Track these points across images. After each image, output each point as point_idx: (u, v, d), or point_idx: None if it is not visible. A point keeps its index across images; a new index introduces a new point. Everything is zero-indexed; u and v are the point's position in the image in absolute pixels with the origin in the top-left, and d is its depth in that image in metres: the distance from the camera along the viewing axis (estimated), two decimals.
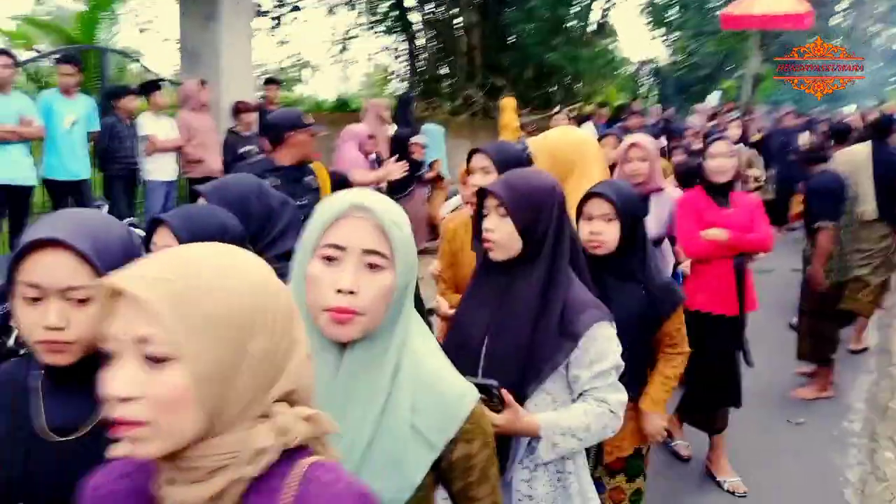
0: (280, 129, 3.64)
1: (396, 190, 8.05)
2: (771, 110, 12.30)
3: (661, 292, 2.41)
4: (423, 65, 17.71)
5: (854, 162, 5.74)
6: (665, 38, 23.62)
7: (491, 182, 1.99)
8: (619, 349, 1.84)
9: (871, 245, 5.76)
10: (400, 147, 8.13)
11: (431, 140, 9.00)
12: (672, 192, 3.96)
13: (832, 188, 4.80)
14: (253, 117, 7.97)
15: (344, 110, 15.99)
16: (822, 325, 4.96)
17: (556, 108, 14.40)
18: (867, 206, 5.65)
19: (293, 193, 2.90)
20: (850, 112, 11.06)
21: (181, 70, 8.82)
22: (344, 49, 18.93)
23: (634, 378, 2.22)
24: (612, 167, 3.75)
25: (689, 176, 4.44)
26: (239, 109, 7.92)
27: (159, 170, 7.19)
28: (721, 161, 3.75)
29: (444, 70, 17.53)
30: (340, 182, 3.86)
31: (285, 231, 2.15)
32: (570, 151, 3.02)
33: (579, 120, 12.71)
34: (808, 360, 5.11)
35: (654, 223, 3.43)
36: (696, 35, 22.82)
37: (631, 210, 2.32)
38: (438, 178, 9.09)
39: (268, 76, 10.43)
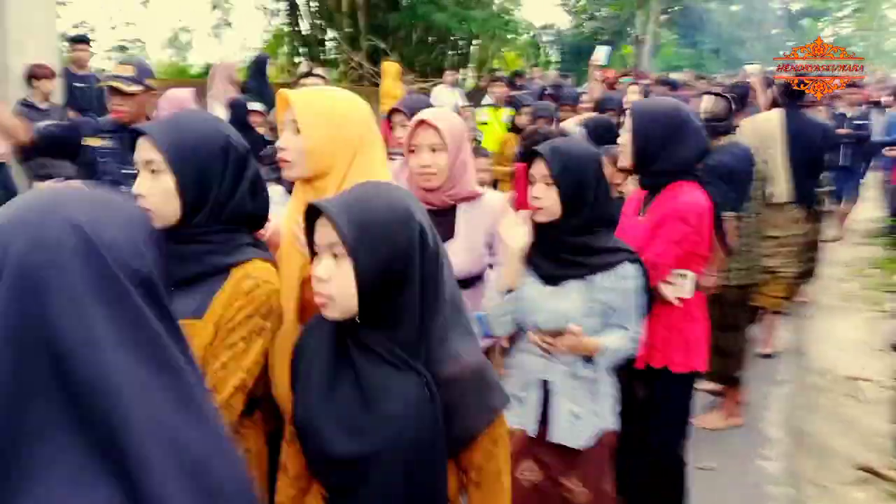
0: None
1: None
2: (663, 77, 11.46)
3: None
4: (308, 28, 16.14)
5: (762, 133, 4.81)
6: (565, 2, 22.77)
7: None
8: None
9: (783, 231, 4.88)
10: (237, 116, 6.74)
11: None
12: (492, 198, 2.46)
13: (733, 168, 3.74)
14: (53, 85, 6.42)
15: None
16: (727, 337, 3.95)
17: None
18: (779, 186, 4.75)
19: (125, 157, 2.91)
20: (753, 71, 10.20)
21: None
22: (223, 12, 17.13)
23: None
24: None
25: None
26: (34, 75, 6.34)
27: None
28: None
29: (330, 34, 16.01)
30: None
31: None
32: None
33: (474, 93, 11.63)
34: (713, 380, 4.18)
35: (466, 252, 2.29)
36: None
37: None
38: None
39: (76, 35, 8.73)
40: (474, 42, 15.12)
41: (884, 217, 8.10)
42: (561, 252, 2.17)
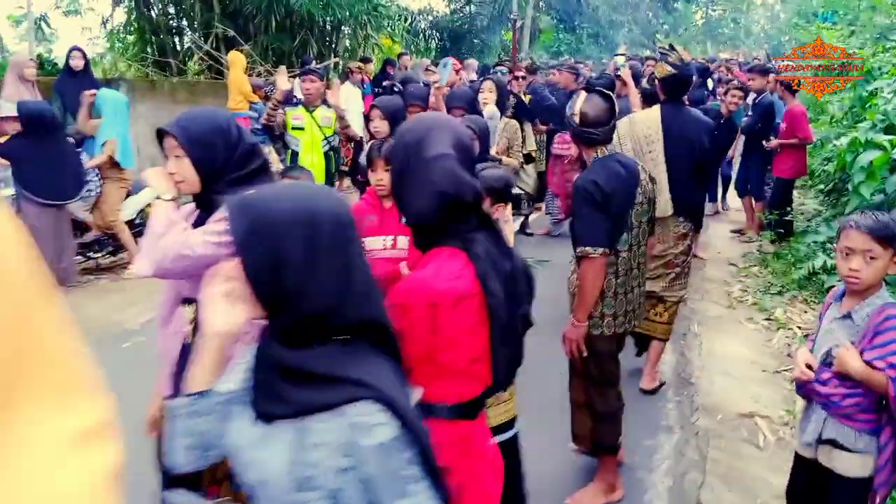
0: None
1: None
2: (535, 65, 10.76)
3: None
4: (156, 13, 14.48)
5: (639, 134, 4.10)
6: None
7: None
8: None
9: (667, 248, 4.20)
10: (28, 119, 5.49)
11: (106, 111, 6.37)
12: None
13: (612, 192, 2.90)
14: None
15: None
16: (600, 396, 3.17)
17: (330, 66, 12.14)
18: (660, 195, 4.05)
19: None
20: (620, 62, 9.62)
21: None
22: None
23: None
24: None
25: None
26: None
27: None
28: None
29: (180, 22, 14.44)
30: None
31: None
32: None
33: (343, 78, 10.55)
34: (585, 451, 3.41)
35: None
36: None
37: None
38: (113, 165, 6.49)
39: None
40: (343, 28, 14.03)
41: (766, 209, 7.72)
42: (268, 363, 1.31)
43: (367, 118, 4.53)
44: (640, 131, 4.03)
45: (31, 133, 5.52)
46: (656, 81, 4.14)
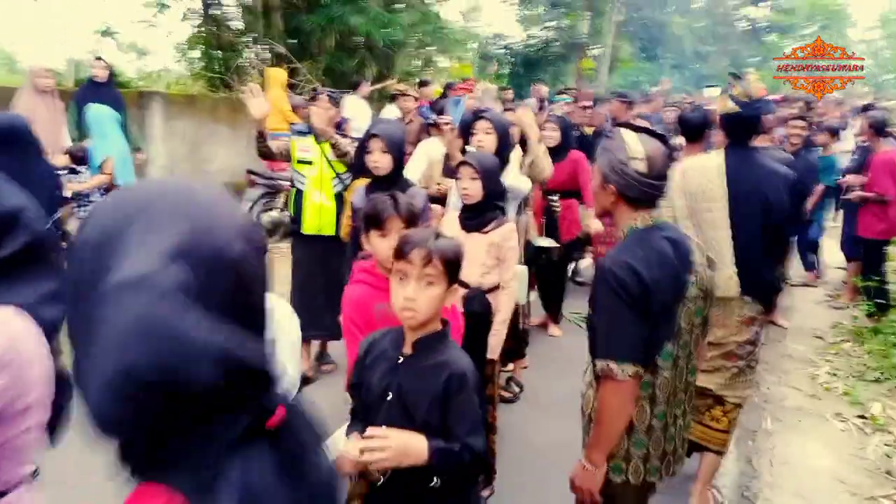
0: None
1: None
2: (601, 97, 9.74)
3: None
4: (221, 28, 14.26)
5: (694, 188, 3.14)
6: (519, 9, 21.23)
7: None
8: None
9: (728, 335, 3.21)
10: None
11: (95, 128, 5.85)
12: None
13: (651, 284, 1.96)
14: None
15: None
16: None
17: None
18: (722, 270, 3.09)
19: None
20: (711, 96, 8.53)
21: None
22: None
23: None
24: None
25: None
26: None
27: None
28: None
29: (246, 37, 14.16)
30: None
31: None
32: None
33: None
34: None
35: None
36: (552, 6, 20.61)
37: None
38: (112, 187, 5.95)
39: None
40: (404, 50, 13.42)
41: (854, 274, 6.51)
42: None
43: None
44: (696, 184, 3.08)
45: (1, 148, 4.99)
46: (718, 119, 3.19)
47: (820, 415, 4.61)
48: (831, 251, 7.80)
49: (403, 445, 1.72)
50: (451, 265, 1.86)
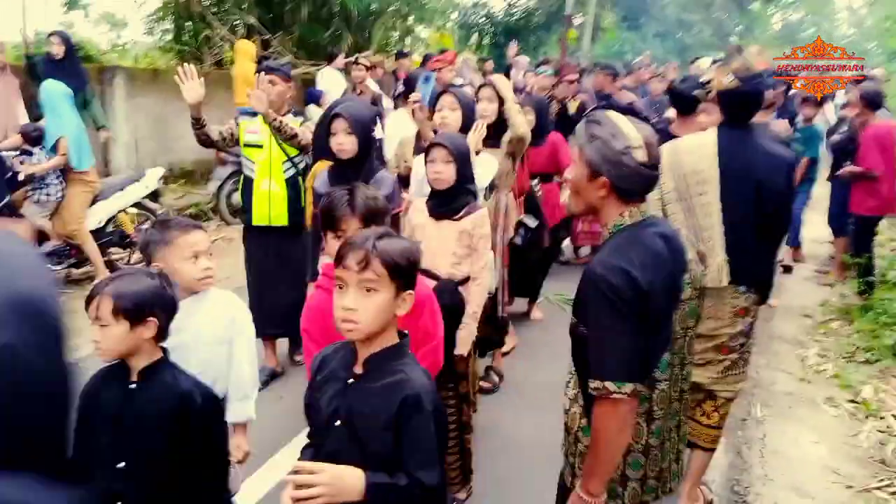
0: None
1: None
2: (588, 67, 9.40)
3: None
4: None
5: (687, 168, 2.91)
6: None
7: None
8: None
9: (720, 326, 3.00)
10: None
11: (48, 106, 5.50)
12: None
13: (636, 286, 1.69)
14: None
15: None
16: None
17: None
18: (713, 257, 2.87)
19: None
20: (704, 66, 8.25)
21: None
22: None
23: None
24: None
25: None
26: None
27: None
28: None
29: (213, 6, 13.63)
30: None
31: None
32: None
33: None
34: None
35: None
36: None
37: None
38: (69, 169, 5.62)
39: None
40: (382, 20, 12.98)
41: (851, 249, 6.34)
42: None
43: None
44: (688, 165, 2.84)
45: None
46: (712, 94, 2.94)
47: (811, 400, 4.45)
48: (816, 225, 7.63)
49: (337, 480, 1.50)
50: (398, 269, 1.62)
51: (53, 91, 5.52)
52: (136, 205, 6.44)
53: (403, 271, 1.65)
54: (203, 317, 2.25)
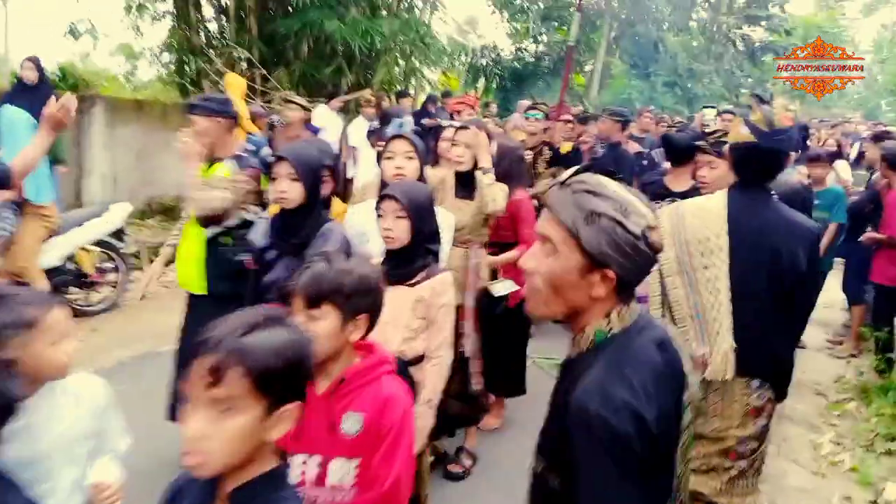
0: None
1: None
2: (585, 114, 8.95)
3: None
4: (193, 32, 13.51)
5: (688, 237, 2.43)
6: (509, 22, 20.65)
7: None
8: None
9: (728, 427, 2.49)
10: None
11: (7, 134, 5.10)
12: None
13: (643, 425, 1.18)
14: None
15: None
16: None
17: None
18: (721, 343, 2.37)
19: None
20: (710, 118, 7.82)
21: None
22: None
23: None
24: None
25: None
26: None
27: None
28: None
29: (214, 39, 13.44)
30: None
31: None
32: None
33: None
34: None
35: None
36: (543, 19, 20.03)
37: None
38: (25, 202, 5.20)
39: None
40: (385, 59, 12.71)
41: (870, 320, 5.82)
42: None
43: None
44: (692, 231, 2.37)
45: None
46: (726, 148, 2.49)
47: (826, 500, 3.89)
48: (828, 290, 7.10)
49: None
50: (268, 379, 1.14)
51: (15, 119, 5.13)
52: (100, 243, 6.01)
53: (278, 380, 1.17)
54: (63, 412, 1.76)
